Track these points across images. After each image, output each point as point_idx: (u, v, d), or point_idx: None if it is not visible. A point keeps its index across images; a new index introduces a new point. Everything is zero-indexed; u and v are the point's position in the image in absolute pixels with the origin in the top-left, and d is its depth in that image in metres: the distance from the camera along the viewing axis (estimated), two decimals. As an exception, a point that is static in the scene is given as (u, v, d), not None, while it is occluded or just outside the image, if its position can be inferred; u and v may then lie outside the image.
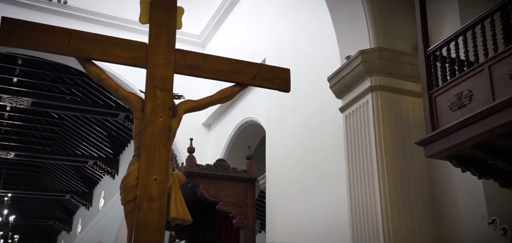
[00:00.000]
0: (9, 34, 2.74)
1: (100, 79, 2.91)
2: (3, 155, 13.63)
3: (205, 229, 6.50)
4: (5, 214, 12.16)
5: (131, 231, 2.66)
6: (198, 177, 5.77)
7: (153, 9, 2.94)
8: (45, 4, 7.90)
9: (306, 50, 5.96)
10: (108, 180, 14.81)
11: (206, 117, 8.30)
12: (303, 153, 5.69)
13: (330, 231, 4.93)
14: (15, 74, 11.04)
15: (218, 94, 3.13)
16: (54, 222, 19.59)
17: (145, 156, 2.71)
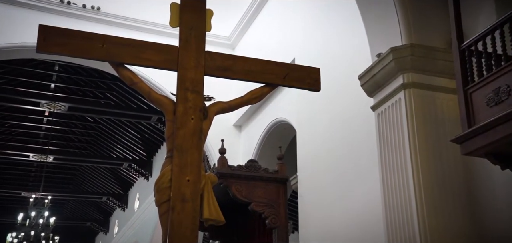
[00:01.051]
0: (46, 41, 2.82)
1: (132, 83, 2.97)
2: (43, 159, 14.07)
3: (238, 229, 6.53)
4: (46, 216, 12.54)
5: (165, 232, 2.70)
6: (230, 178, 5.80)
7: (183, 12, 2.98)
8: (79, 11, 8.13)
9: (336, 49, 5.90)
10: (142, 182, 15.07)
11: (237, 118, 8.34)
12: (334, 152, 5.64)
13: (364, 231, 4.86)
14: (52, 80, 11.38)
15: (248, 95, 3.14)
16: (92, 223, 20.06)
17: (178, 158, 2.74)
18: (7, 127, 13.51)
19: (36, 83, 11.32)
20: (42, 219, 12.44)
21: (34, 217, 12.40)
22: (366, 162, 4.97)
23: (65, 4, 8.04)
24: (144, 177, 14.68)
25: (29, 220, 12.37)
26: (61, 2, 8.03)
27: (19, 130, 13.73)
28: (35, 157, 14.22)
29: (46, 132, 13.57)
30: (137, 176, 15.43)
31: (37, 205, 12.64)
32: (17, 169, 16.07)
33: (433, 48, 4.33)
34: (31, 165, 15.50)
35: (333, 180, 5.58)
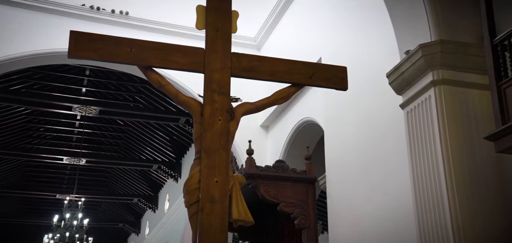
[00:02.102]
0: (77, 47, 2.90)
1: (160, 86, 3.02)
2: (76, 162, 14.43)
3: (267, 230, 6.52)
4: (79, 218, 12.84)
5: (195, 233, 2.73)
6: (258, 178, 5.79)
7: (208, 15, 3.00)
8: (109, 16, 8.29)
9: (363, 46, 5.83)
10: (171, 183, 15.26)
11: (264, 119, 8.34)
12: (363, 151, 5.58)
13: (396, 231, 4.79)
14: (84, 85, 11.65)
15: (274, 95, 3.14)
16: (123, 224, 20.41)
17: (206, 159, 2.77)
18: (42, 131, 13.90)
19: (68, 87, 11.62)
20: (76, 220, 12.74)
21: (68, 218, 12.71)
22: (395, 161, 4.90)
23: (95, 10, 8.23)
24: (173, 178, 14.85)
25: (64, 221, 12.69)
26: (91, 8, 8.21)
27: (53, 134, 14.11)
28: (69, 160, 14.58)
29: (78, 136, 13.90)
30: (166, 177, 15.62)
31: (71, 207, 12.95)
32: (52, 172, 16.52)
33: (463, 44, 4.23)
34: (65, 168, 15.91)
35: (362, 180, 5.52)
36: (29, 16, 7.87)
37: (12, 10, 7.80)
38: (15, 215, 19.83)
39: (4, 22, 7.69)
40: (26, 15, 7.86)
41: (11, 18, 7.75)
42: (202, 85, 2.91)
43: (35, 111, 12.62)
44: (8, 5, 7.79)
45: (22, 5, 7.87)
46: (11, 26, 7.71)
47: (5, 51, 7.53)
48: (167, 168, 14.78)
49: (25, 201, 18.99)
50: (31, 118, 13.02)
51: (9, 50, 7.57)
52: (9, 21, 7.73)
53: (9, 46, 7.57)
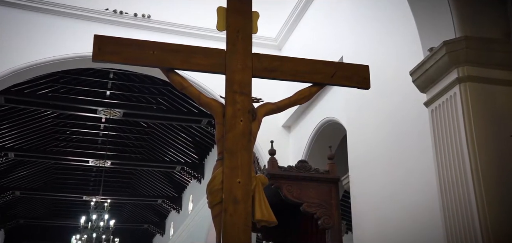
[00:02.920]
0: (101, 50, 2.94)
1: (182, 88, 3.04)
2: (101, 164, 14.68)
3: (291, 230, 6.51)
4: (106, 219, 13.04)
5: (219, 233, 2.74)
6: (281, 179, 5.78)
7: (229, 16, 3.01)
8: (131, 20, 8.42)
9: (385, 44, 5.77)
10: (195, 184, 15.37)
11: (286, 119, 8.33)
12: (387, 150, 5.51)
13: (422, 231, 4.72)
14: (108, 88, 11.85)
15: (296, 95, 3.13)
16: (148, 225, 20.66)
17: (228, 160, 2.78)
18: (68, 134, 14.19)
19: (93, 91, 11.83)
20: (102, 221, 12.95)
21: (95, 220, 12.94)
22: (420, 160, 4.82)
23: (117, 14, 8.36)
24: (196, 179, 14.96)
25: (90, 223, 12.93)
26: (114, 12, 8.35)
27: (79, 137, 14.39)
28: (94, 162, 14.85)
29: (104, 138, 14.14)
30: (189, 178, 15.75)
31: (98, 208, 13.17)
32: (78, 174, 16.85)
33: (489, 40, 4.13)
34: (91, 170, 16.20)
35: (386, 179, 5.45)
36: (55, 21, 8.05)
37: (39, 16, 8.00)
38: (45, 217, 20.31)
39: (32, 28, 7.89)
40: (52, 21, 8.04)
41: (38, 24, 7.94)
42: (224, 86, 2.93)
43: (61, 115, 12.90)
44: (35, 11, 7.99)
45: (49, 11, 8.06)
46: (38, 32, 7.90)
47: (33, 56, 7.73)
48: (190, 169, 14.89)
49: (54, 203, 19.42)
50: (58, 121, 13.31)
51: (36, 55, 7.76)
52: (36, 27, 7.92)
53: (37, 52, 7.76)
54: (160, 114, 12.52)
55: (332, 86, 6.33)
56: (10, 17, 7.83)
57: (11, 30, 7.77)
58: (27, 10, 7.94)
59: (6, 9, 7.83)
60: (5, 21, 7.78)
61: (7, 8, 7.85)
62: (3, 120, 12.46)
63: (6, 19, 7.80)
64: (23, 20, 7.89)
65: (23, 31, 7.83)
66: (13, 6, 7.89)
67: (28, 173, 16.21)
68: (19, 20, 7.87)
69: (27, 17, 7.92)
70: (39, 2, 8.02)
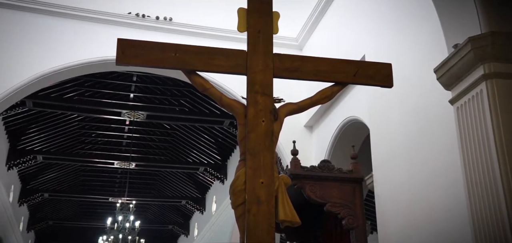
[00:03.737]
0: (124, 54, 2.99)
1: (204, 89, 3.06)
2: (126, 166, 14.89)
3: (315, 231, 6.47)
4: (131, 220, 13.22)
5: (243, 234, 2.75)
6: (304, 179, 5.75)
7: (250, 17, 3.02)
8: (153, 23, 8.51)
9: (408, 42, 5.68)
10: (218, 185, 15.44)
11: (308, 119, 8.29)
12: (411, 149, 5.43)
13: (449, 231, 4.63)
14: (131, 90, 12.01)
15: (318, 95, 3.12)
16: (173, 226, 20.83)
17: (251, 161, 2.79)
18: (94, 137, 14.44)
19: (117, 94, 12.01)
20: (128, 223, 13.13)
21: (121, 221, 13.13)
22: (445, 158, 4.73)
23: (140, 17, 8.47)
24: (219, 180, 15.03)
25: (117, 224, 13.12)
26: (137, 16, 8.46)
27: (104, 139, 14.63)
28: (119, 164, 15.06)
29: (128, 140, 14.34)
30: (213, 179, 15.82)
31: (123, 209, 13.36)
32: (104, 176, 17.13)
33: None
34: (116, 172, 16.44)
35: (411, 178, 5.37)
36: (80, 26, 8.21)
37: (65, 22, 8.16)
38: (73, 218, 20.70)
39: (57, 34, 8.06)
40: (77, 26, 8.20)
41: (63, 30, 8.11)
42: (245, 87, 2.93)
43: (87, 118, 13.13)
44: (61, 17, 8.16)
45: (73, 16, 8.22)
46: (64, 37, 8.07)
47: (59, 61, 7.89)
48: (213, 170, 14.97)
49: (81, 205, 19.79)
50: (83, 124, 13.56)
51: (62, 60, 7.92)
52: (61, 32, 8.09)
53: (62, 56, 7.93)
54: (182, 115, 12.62)
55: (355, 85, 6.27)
56: (37, 24, 8.02)
57: (38, 36, 7.95)
58: (53, 16, 8.12)
59: (32, 15, 8.03)
60: (32, 27, 7.98)
61: (33, 14, 8.04)
62: (32, 124, 12.77)
63: (33, 25, 7.99)
64: (49, 26, 8.07)
65: (49, 37, 8.01)
66: (40, 12, 8.08)
67: (56, 175, 16.56)
68: (46, 26, 8.05)
69: (53, 22, 8.10)
70: (64, 8, 8.19)
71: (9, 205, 13.90)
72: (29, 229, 18.31)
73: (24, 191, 15.86)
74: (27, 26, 7.96)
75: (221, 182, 14.92)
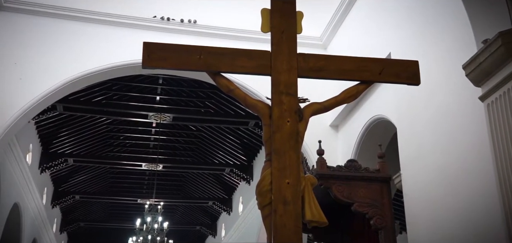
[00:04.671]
0: (150, 57, 3.03)
1: (229, 90, 3.08)
2: (153, 168, 15.09)
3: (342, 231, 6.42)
4: (160, 221, 13.39)
5: (270, 234, 2.75)
6: (330, 178, 5.71)
7: (273, 17, 3.02)
8: (178, 26, 8.61)
9: (435, 38, 5.57)
10: (244, 185, 15.48)
11: (333, 118, 8.22)
12: (441, 148, 5.32)
13: (481, 231, 4.51)
14: (158, 93, 12.17)
15: (343, 94, 3.10)
16: (201, 227, 20.98)
17: (276, 161, 2.78)
18: (122, 139, 14.69)
19: (144, 96, 12.18)
20: (156, 224, 13.30)
21: (149, 222, 13.31)
22: (476, 156, 4.62)
23: (165, 21, 8.58)
24: (245, 181, 15.06)
25: (145, 225, 13.31)
26: (162, 19, 8.57)
27: (132, 142, 14.86)
28: (147, 166, 15.27)
29: (155, 142, 14.52)
30: (239, 180, 15.87)
31: (152, 211, 13.54)
32: (132, 178, 17.40)
33: (549, 28, 3.90)
34: (144, 174, 16.67)
35: (441, 177, 5.26)
36: (107, 31, 8.37)
37: (93, 27, 8.34)
38: (103, 219, 21.10)
39: (86, 39, 8.24)
40: (104, 30, 8.36)
41: (91, 35, 8.29)
42: (270, 87, 2.93)
43: (115, 121, 13.37)
44: (89, 22, 8.34)
45: (100, 22, 8.38)
46: (92, 42, 8.24)
47: (87, 66, 8.07)
48: (239, 171, 15.01)
49: (110, 206, 20.15)
50: (111, 127, 13.80)
51: (91, 64, 8.09)
52: (90, 37, 8.27)
53: (91, 61, 8.10)
54: (208, 117, 12.70)
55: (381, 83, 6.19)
56: (65, 30, 8.21)
57: (66, 42, 8.15)
58: (81, 22, 8.30)
59: (61, 21, 8.22)
60: (61, 33, 8.17)
61: (62, 21, 8.23)
62: (62, 127, 13.09)
63: (61, 31, 8.19)
64: (77, 31, 8.25)
65: (77, 42, 8.19)
66: (68, 18, 8.27)
67: (86, 177, 16.92)
68: (74, 32, 8.24)
69: (81, 28, 8.28)
70: (92, 13, 8.37)
71: (42, 207, 14.28)
72: (62, 230, 18.77)
73: (57, 193, 16.27)
74: (56, 32, 8.17)
75: (247, 183, 14.95)
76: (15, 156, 10.81)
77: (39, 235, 14.47)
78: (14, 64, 7.75)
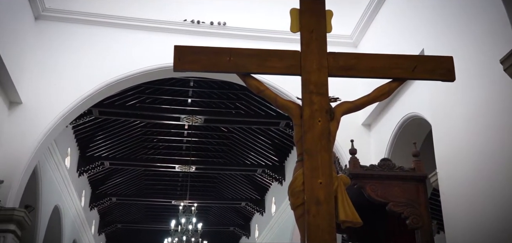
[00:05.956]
0: (181, 60, 3.06)
1: (259, 91, 3.08)
2: (187, 169, 15.28)
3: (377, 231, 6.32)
4: (194, 222, 13.54)
5: (303, 235, 2.73)
6: (364, 178, 5.63)
7: (302, 17, 3.00)
8: (208, 29, 8.68)
9: (470, 32, 5.40)
10: (276, 186, 15.47)
11: (365, 117, 8.11)
12: (478, 145, 5.16)
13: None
14: (189, 95, 12.31)
15: (375, 92, 3.05)
16: (234, 228, 21.10)
17: (308, 161, 2.77)
18: (155, 142, 14.93)
19: (175, 99, 12.36)
20: (191, 225, 13.45)
21: (184, 223, 13.48)
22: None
23: (195, 24, 8.67)
24: (277, 181, 15.04)
25: (180, 226, 13.49)
26: (192, 22, 8.67)
27: (165, 144, 15.09)
28: (180, 168, 15.47)
29: (187, 144, 14.70)
30: (271, 181, 15.87)
31: (186, 212, 13.70)
32: (166, 180, 17.66)
33: None
34: (177, 176, 16.90)
35: (479, 175, 5.10)
36: (139, 36, 8.53)
37: (125, 32, 8.52)
38: (139, 221, 21.51)
39: (119, 44, 8.43)
40: (136, 35, 8.53)
41: (124, 40, 8.47)
42: (300, 87, 2.92)
43: (148, 124, 13.61)
44: (121, 28, 8.52)
45: (132, 27, 8.56)
46: (124, 47, 8.43)
47: (121, 70, 8.25)
48: (271, 172, 15.01)
49: (146, 208, 20.52)
50: (145, 130, 14.06)
51: (124, 69, 8.27)
52: (122, 42, 8.45)
53: (124, 65, 8.28)
54: (239, 118, 12.76)
55: (414, 80, 6.06)
56: (99, 35, 8.42)
57: (101, 47, 8.36)
58: (114, 27, 8.50)
59: (95, 28, 8.44)
60: (96, 39, 8.39)
61: (96, 27, 8.45)
62: (98, 131, 13.43)
63: (96, 38, 8.40)
64: (111, 37, 8.45)
65: (111, 48, 8.39)
66: (101, 24, 8.47)
67: (122, 180, 17.30)
68: (108, 37, 8.44)
69: (114, 34, 8.47)
70: (124, 19, 8.55)
71: (81, 210, 14.70)
72: (100, 232, 19.25)
73: (94, 196, 16.70)
74: (91, 39, 8.39)
75: (280, 183, 14.93)
76: (55, 160, 11.17)
77: (79, 237, 14.89)
78: (52, 71, 8.01)
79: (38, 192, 10.15)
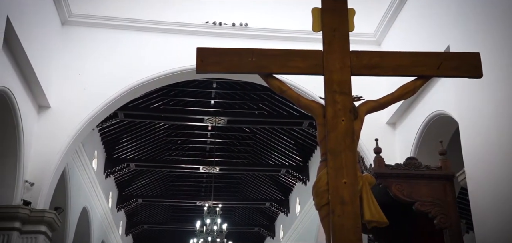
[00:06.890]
0: (203, 62, 3.08)
1: (282, 91, 3.07)
2: (211, 170, 15.37)
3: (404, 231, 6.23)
4: (219, 223, 13.61)
5: (328, 235, 2.72)
6: (389, 177, 5.55)
7: (324, 16, 2.98)
8: (230, 30, 8.72)
9: (497, 28, 5.26)
10: (300, 186, 15.41)
11: (390, 116, 8.00)
12: (507, 142, 5.03)
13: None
14: (212, 97, 12.39)
15: (399, 91, 3.01)
16: (259, 228, 21.12)
17: (332, 161, 2.75)
18: (179, 143, 15.08)
19: (199, 101, 12.45)
20: (216, 225, 13.52)
21: (209, 224, 13.56)
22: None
23: (217, 25, 8.72)
24: (301, 181, 14.98)
25: (205, 227, 13.58)
26: (214, 24, 8.72)
27: (189, 146, 15.21)
28: (204, 169, 15.57)
29: (211, 145, 14.78)
30: (295, 181, 15.82)
31: (210, 213, 13.78)
32: (191, 181, 17.81)
33: None
34: (202, 177, 17.01)
35: (508, 173, 4.97)
36: (161, 39, 8.64)
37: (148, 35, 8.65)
38: (165, 222, 21.75)
39: (142, 47, 8.55)
40: (159, 38, 8.64)
41: (147, 43, 8.59)
42: (322, 86, 2.90)
43: (172, 125, 13.75)
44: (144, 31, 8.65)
45: (155, 30, 8.67)
46: (148, 50, 8.54)
47: (145, 73, 8.37)
48: (295, 172, 14.96)
49: (171, 209, 20.73)
50: (169, 132, 14.21)
51: (148, 72, 8.39)
52: (146, 46, 8.57)
53: (148, 68, 8.40)
54: (262, 119, 12.78)
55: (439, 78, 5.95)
56: (124, 40, 8.56)
57: (125, 51, 8.50)
58: (137, 31, 8.62)
59: (119, 32, 8.58)
60: (120, 43, 8.54)
61: (120, 31, 8.59)
62: (124, 134, 13.63)
63: (121, 42, 8.55)
64: (135, 40, 8.58)
65: (135, 51, 8.52)
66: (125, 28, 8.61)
67: (147, 181, 17.52)
68: (132, 41, 8.57)
69: (138, 37, 8.60)
70: (147, 22, 8.66)
71: (108, 211, 14.95)
72: (127, 233, 19.54)
73: (121, 197, 16.97)
74: (115, 43, 8.54)
75: (304, 184, 14.87)
76: (82, 163, 11.40)
77: (107, 238, 15.14)
78: (78, 75, 8.18)
79: (67, 194, 10.37)
